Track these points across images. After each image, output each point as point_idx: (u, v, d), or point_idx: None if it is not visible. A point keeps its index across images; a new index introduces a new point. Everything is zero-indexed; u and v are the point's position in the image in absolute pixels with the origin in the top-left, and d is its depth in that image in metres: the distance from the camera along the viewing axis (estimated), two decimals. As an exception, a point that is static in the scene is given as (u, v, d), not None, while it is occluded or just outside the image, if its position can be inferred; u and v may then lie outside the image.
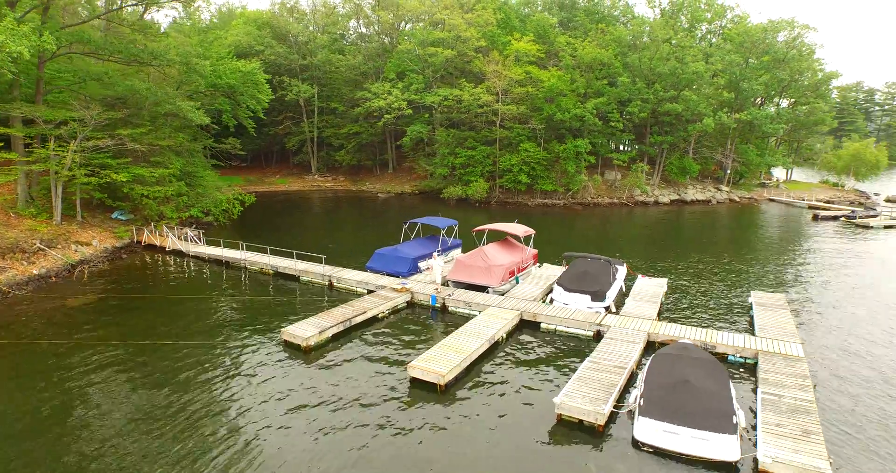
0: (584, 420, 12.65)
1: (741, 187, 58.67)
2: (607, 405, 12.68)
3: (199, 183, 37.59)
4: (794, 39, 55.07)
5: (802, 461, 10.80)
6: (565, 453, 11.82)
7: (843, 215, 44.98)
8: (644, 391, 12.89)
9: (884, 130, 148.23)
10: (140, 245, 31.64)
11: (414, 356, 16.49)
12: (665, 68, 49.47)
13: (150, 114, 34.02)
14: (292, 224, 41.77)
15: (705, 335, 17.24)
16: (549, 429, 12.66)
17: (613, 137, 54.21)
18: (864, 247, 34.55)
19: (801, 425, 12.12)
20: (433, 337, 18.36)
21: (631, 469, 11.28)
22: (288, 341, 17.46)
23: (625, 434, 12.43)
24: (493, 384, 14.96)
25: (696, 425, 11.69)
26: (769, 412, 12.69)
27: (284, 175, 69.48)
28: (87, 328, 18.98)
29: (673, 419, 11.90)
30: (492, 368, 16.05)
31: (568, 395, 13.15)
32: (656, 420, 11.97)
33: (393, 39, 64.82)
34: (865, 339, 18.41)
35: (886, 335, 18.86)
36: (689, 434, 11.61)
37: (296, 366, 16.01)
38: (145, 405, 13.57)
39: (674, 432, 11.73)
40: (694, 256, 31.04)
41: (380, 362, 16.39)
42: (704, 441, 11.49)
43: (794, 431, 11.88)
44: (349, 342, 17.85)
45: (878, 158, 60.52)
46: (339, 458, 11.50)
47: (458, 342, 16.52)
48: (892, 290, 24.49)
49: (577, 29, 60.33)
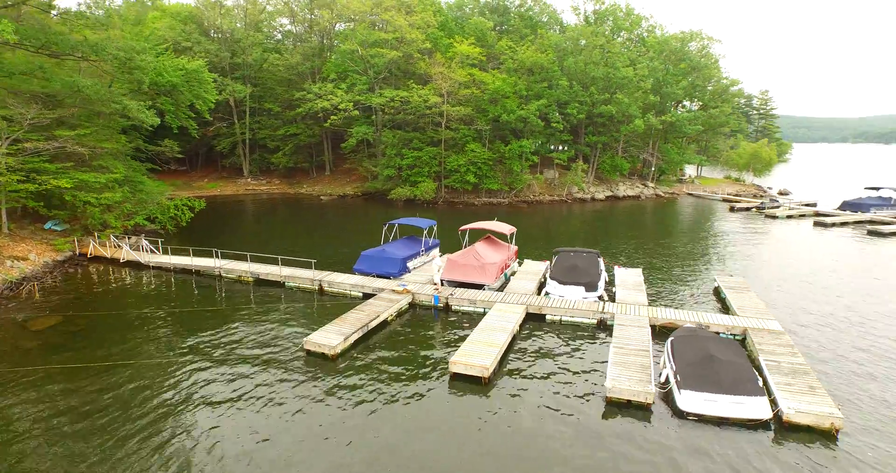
0: (632, 400, 13.79)
1: (663, 183, 64.21)
2: (652, 385, 13.95)
3: (141, 188, 34.78)
4: (703, 49, 61.29)
5: (818, 410, 12.67)
6: (624, 428, 12.84)
7: (754, 207, 50.93)
8: (677, 368, 14.28)
9: (760, 132, 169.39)
10: (85, 258, 28.83)
11: (442, 353, 16.87)
12: (598, 72, 53.05)
13: (87, 113, 31.04)
14: (241, 230, 39.86)
15: (698, 316, 19.20)
16: (602, 411, 13.65)
17: (553, 137, 57.07)
18: (779, 233, 39.52)
19: (805, 383, 14.12)
20: (451, 335, 18.79)
21: (683, 435, 12.54)
22: (311, 350, 17.04)
23: (666, 408, 13.72)
24: (528, 374, 15.72)
25: (731, 391, 13.23)
26: (776, 374, 14.61)
27: (214, 179, 65.61)
28: (64, 351, 17.25)
29: (711, 388, 13.36)
30: (519, 358, 16.82)
31: (615, 379, 14.24)
32: (697, 392, 13.37)
33: (328, 40, 63.52)
34: (820, 312, 21.41)
35: (831, 306, 22.03)
36: (727, 400, 13.13)
37: (331, 375, 15.70)
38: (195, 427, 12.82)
39: (713, 400, 13.19)
40: (647, 246, 33.84)
41: (414, 361, 16.55)
42: (740, 404, 13.05)
43: (802, 388, 13.83)
44: (371, 346, 17.79)
45: (771, 157, 68.93)
46: (425, 454, 11.69)
47: (485, 337, 17.09)
48: (814, 268, 28.42)
49: (513, 33, 62.77)
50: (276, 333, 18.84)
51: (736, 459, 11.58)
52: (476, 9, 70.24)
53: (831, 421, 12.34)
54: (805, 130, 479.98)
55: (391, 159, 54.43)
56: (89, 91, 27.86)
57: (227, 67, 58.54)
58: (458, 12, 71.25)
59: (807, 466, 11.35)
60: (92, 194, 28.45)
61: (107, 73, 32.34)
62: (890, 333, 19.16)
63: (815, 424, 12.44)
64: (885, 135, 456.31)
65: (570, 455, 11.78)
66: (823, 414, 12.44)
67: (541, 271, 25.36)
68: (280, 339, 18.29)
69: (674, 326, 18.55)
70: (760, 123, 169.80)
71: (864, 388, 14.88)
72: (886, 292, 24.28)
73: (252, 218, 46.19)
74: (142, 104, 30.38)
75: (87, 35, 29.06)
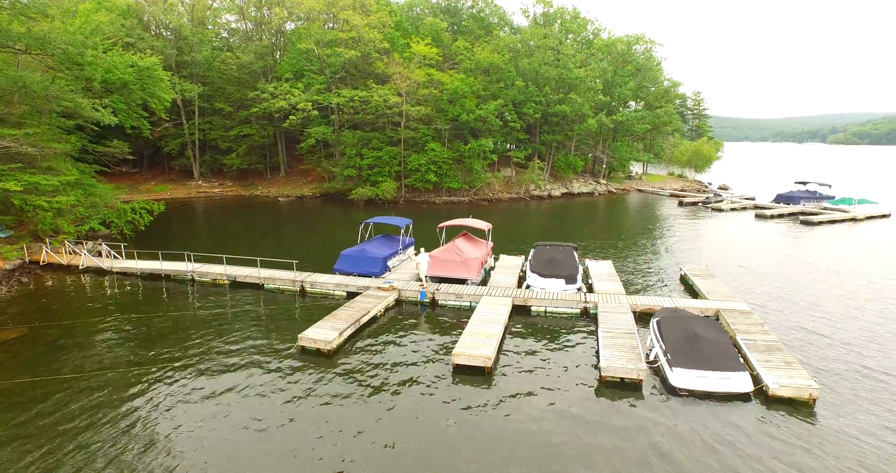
0: (625, 378, 14.66)
1: (613, 180, 67.08)
2: (643, 363, 14.87)
3: (92, 192, 32.88)
4: (647, 52, 64.56)
5: (798, 383, 13.95)
6: (620, 405, 13.65)
7: (700, 201, 54.25)
8: (666, 347, 15.29)
9: (695, 131, 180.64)
10: (38, 265, 27.00)
11: (438, 346, 17.21)
12: (552, 73, 54.82)
13: (30, 111, 29.06)
14: (203, 233, 38.46)
15: (673, 302, 20.48)
16: (596, 389, 14.45)
17: (510, 136, 58.40)
18: (725, 224, 42.42)
19: (781, 358, 15.45)
20: (442, 329, 19.14)
21: (676, 410, 13.47)
22: (306, 346, 16.92)
23: (657, 384, 14.69)
24: (525, 362, 16.31)
25: (718, 367, 14.33)
26: (754, 352, 15.91)
27: (162, 182, 62.60)
28: (35, 364, 16.28)
29: (700, 365, 14.41)
30: (514, 348, 17.40)
31: (608, 359, 15.07)
32: (687, 369, 14.39)
33: (280, 38, 62.07)
34: (775, 294, 23.33)
35: (786, 286, 24.05)
36: (715, 375, 14.21)
37: (330, 371, 15.68)
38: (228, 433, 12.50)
39: (703, 376, 14.24)
40: (609, 240, 35.47)
41: (412, 354, 16.76)
42: (727, 379, 14.16)
43: (779, 364, 15.14)
44: (365, 341, 17.85)
45: (711, 154, 73.54)
46: (440, 443, 11.99)
47: (481, 329, 17.55)
48: (762, 254, 30.85)
49: (467, 34, 63.68)
50: (265, 333, 18.51)
51: (728, 429, 12.61)
52: (427, 9, 70.71)
53: (809, 392, 13.65)
54: (731, 130, 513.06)
55: (351, 159, 53.97)
56: (36, 87, 26.12)
57: (174, 64, 56.01)
58: (408, 12, 71.46)
59: (792, 432, 12.54)
60: (44, 198, 26.69)
61: (50, 68, 30.35)
62: (841, 311, 21.20)
63: (796, 396, 13.71)
64: (798, 135, 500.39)
65: (579, 431, 12.43)
66: (802, 387, 13.72)
67: (518, 266, 26.13)
68: (270, 338, 18.00)
69: (653, 311, 19.71)
70: (694, 123, 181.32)
71: (825, 357, 16.48)
72: (834, 276, 26.73)
73: (210, 221, 44.55)
74: (97, 102, 28.74)
75: (29, 27, 27.18)
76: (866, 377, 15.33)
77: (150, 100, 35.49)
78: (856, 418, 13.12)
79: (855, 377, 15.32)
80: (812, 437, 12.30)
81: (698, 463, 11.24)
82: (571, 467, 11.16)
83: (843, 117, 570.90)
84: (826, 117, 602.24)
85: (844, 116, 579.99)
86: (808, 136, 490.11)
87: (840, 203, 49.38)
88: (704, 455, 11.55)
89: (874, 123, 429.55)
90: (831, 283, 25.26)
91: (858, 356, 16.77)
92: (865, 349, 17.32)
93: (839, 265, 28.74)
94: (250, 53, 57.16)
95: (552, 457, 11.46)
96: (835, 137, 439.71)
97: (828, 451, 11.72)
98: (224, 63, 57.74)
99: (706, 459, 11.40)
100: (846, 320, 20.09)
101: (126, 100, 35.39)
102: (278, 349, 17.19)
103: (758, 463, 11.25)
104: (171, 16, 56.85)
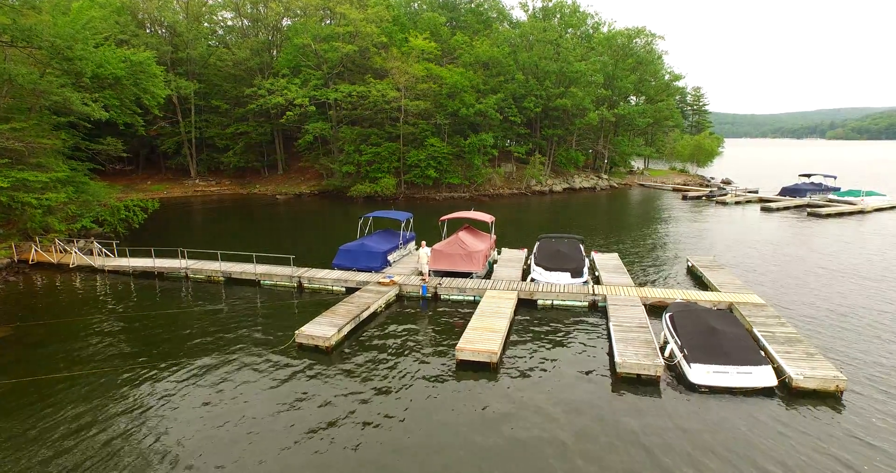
0: (641, 374, 13.88)
1: (616, 175, 66.29)
2: (660, 358, 14.09)
3: (84, 190, 32.08)
4: (647, 45, 63.75)
5: (823, 374, 13.19)
6: (640, 403, 12.87)
7: (704, 195, 53.48)
8: (683, 342, 14.51)
9: (695, 127, 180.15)
10: (27, 264, 26.21)
11: (440, 341, 16.45)
12: (552, 67, 54.00)
13: (17, 106, 28.26)
14: (199, 232, 37.65)
15: (685, 294, 19.71)
16: (612, 386, 13.66)
17: (510, 130, 57.59)
18: (731, 217, 41.64)
19: (803, 350, 14.68)
20: (444, 323, 18.37)
21: (695, 407, 12.69)
22: (303, 343, 16.14)
23: (674, 381, 13.91)
24: (533, 357, 15.52)
25: (738, 362, 13.55)
26: (774, 344, 15.13)
27: (158, 181, 61.74)
28: (24, 363, 15.50)
29: (719, 360, 13.63)
30: (520, 343, 16.62)
31: (623, 354, 14.29)
32: (706, 364, 13.60)
33: (277, 35, 61.24)
34: (791, 285, 22.56)
35: (799, 279, 23.28)
36: (736, 370, 13.43)
37: (329, 368, 14.90)
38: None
39: (723, 371, 13.46)
40: (614, 234, 34.69)
41: (414, 350, 15.99)
42: (749, 374, 13.38)
43: (802, 355, 14.37)
44: (365, 338, 17.08)
45: (713, 148, 72.73)
46: (445, 442, 11.23)
47: (486, 323, 16.77)
48: (770, 245, 30.06)
49: (466, 29, 62.85)
50: (261, 330, 17.73)
51: (754, 425, 11.84)
52: (425, 3, 69.89)
53: (836, 384, 12.88)
54: (730, 126, 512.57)
55: (350, 156, 53.20)
56: (23, 81, 25.34)
57: (170, 61, 55.18)
58: (406, 8, 70.63)
59: (822, 426, 11.77)
60: (33, 195, 25.91)
61: (39, 62, 29.56)
62: (862, 302, 20.43)
63: (822, 387, 12.95)
64: (796, 131, 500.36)
65: (596, 432, 11.65)
66: (829, 378, 12.96)
67: (521, 259, 25.36)
68: (267, 336, 17.22)
69: (664, 304, 18.95)
70: (694, 119, 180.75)
71: (848, 349, 15.71)
72: (849, 268, 25.96)
73: (207, 220, 43.75)
74: (87, 97, 27.95)
75: (14, 18, 26.39)
76: (893, 367, 14.57)
77: (143, 96, 34.66)
78: (888, 408, 12.34)
79: (879, 368, 14.55)
80: (843, 430, 11.53)
81: (731, 468, 10.47)
82: (589, 469, 10.38)
83: (840, 113, 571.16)
84: (824, 113, 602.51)
85: (842, 112, 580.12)
86: (806, 131, 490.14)
87: (846, 195, 48.65)
88: (737, 456, 10.78)
89: (872, 118, 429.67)
90: (847, 275, 24.49)
91: (882, 347, 16.00)
92: (890, 342, 16.55)
93: (852, 257, 27.99)
94: (246, 50, 56.30)
95: (568, 459, 10.69)
96: (833, 132, 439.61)
97: (863, 444, 10.97)
98: (220, 60, 56.96)
99: (737, 461, 10.63)
100: (870, 313, 19.32)
101: (119, 96, 34.58)
102: (275, 346, 16.41)
103: (791, 461, 10.48)
104: (166, 12, 56.02)
